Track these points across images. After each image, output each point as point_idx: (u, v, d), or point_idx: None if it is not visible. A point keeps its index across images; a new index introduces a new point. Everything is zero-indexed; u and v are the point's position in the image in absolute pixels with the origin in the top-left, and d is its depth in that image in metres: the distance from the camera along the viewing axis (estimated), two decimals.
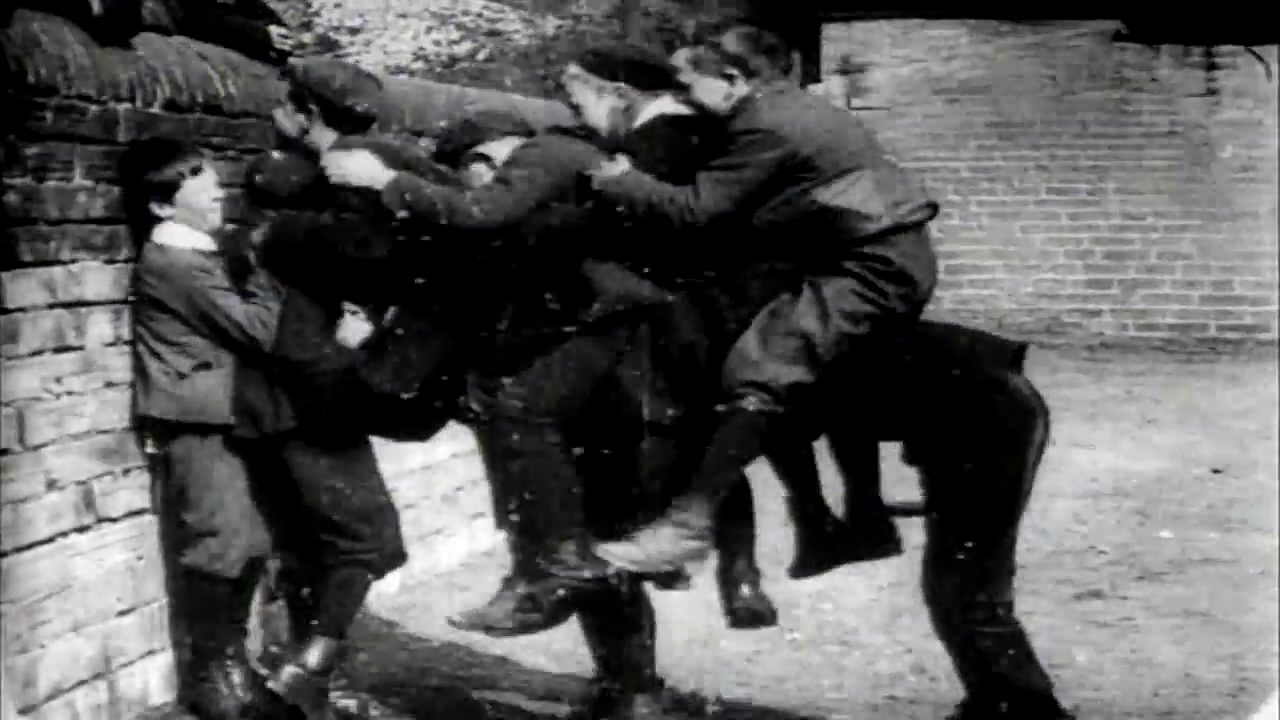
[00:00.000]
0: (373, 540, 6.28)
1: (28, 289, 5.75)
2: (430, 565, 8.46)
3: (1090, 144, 17.71)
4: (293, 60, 7.20)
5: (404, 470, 7.93)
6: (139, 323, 6.18)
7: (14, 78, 5.62)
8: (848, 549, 6.13)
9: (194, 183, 6.17)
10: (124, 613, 6.22)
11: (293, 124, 6.35)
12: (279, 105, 6.42)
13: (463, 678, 7.08)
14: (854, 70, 17.99)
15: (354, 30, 20.98)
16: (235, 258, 6.21)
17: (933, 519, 5.81)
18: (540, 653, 7.11)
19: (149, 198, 6.14)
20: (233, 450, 6.21)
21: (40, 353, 5.83)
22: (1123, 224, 17.63)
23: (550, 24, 20.95)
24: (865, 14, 18.00)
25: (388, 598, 7.85)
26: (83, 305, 6.01)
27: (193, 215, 6.18)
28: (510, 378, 5.87)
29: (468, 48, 20.94)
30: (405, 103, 8.22)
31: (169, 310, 6.12)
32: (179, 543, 6.28)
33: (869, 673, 7.16)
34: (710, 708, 6.67)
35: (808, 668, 7.23)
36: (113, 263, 6.14)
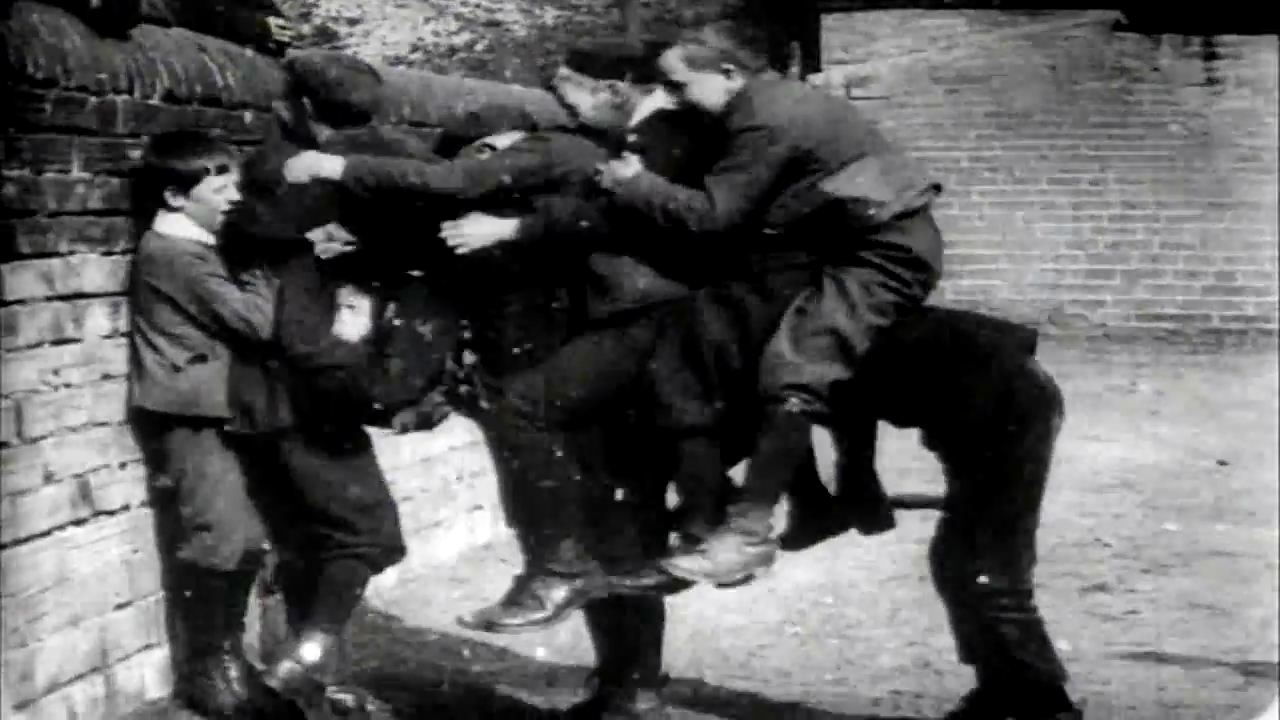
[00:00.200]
0: (370, 534, 6.24)
1: (26, 281, 5.73)
2: (428, 558, 8.43)
3: (1091, 134, 17.68)
4: (291, 51, 7.17)
5: (402, 463, 7.91)
6: (136, 312, 6.15)
7: (12, 70, 5.60)
8: (840, 520, 6.13)
9: (216, 180, 6.13)
10: (121, 606, 6.20)
11: (290, 117, 6.32)
12: (280, 98, 6.39)
13: (462, 671, 7.05)
14: (854, 60, 17.95)
15: (353, 21, 20.96)
16: (231, 248, 6.16)
17: (953, 506, 5.80)
18: (541, 646, 7.08)
19: (165, 185, 6.10)
20: (228, 443, 6.17)
21: (38, 345, 5.80)
22: (1124, 214, 17.60)
23: (549, 14, 20.92)
24: (865, 4, 17.97)
25: (385, 591, 7.83)
26: (81, 297, 5.99)
27: (203, 211, 6.13)
28: (517, 374, 5.83)
29: (466, 38, 20.92)
30: (404, 94, 8.18)
31: (166, 299, 6.08)
32: (175, 536, 6.25)
33: (872, 666, 7.14)
34: (713, 702, 6.64)
35: (811, 662, 7.21)
36: (111, 255, 6.12)
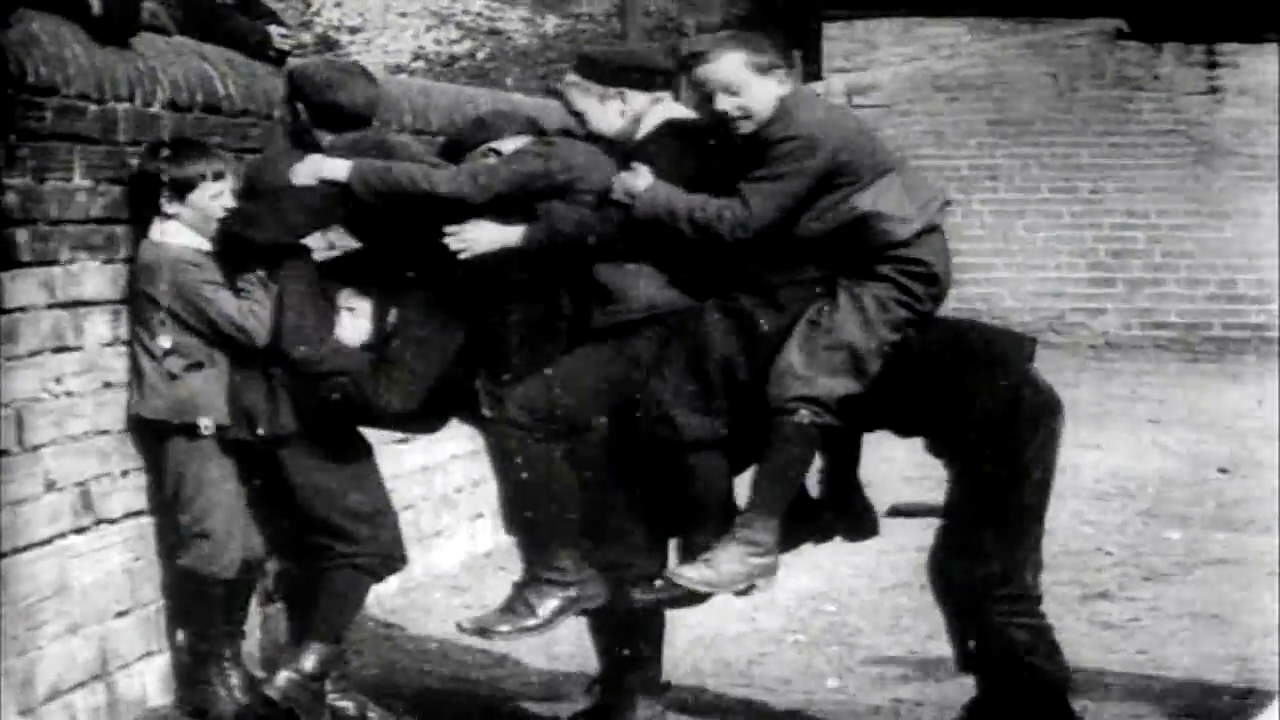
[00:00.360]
0: (371, 543, 6.23)
1: (27, 289, 5.73)
2: (429, 567, 8.43)
3: (1092, 142, 17.69)
4: (292, 60, 7.17)
5: (403, 471, 7.91)
6: (134, 321, 6.14)
7: (14, 78, 5.60)
8: (826, 527, 6.12)
9: (212, 186, 6.12)
10: (123, 614, 6.19)
11: (290, 124, 6.32)
12: (280, 105, 6.41)
13: (462, 679, 7.05)
14: (855, 68, 17.96)
15: (354, 29, 20.97)
16: (228, 254, 6.16)
17: (957, 513, 5.81)
18: (541, 654, 7.09)
19: (161, 192, 6.10)
20: (227, 451, 6.16)
21: (39, 353, 5.80)
22: (1125, 222, 17.60)
23: (550, 23, 20.94)
24: (866, 12, 17.98)
25: (387, 599, 7.82)
26: (82, 305, 5.98)
27: (199, 218, 6.13)
28: (519, 383, 5.82)
29: (468, 47, 20.93)
30: (405, 102, 8.19)
31: (162, 306, 6.08)
32: (174, 544, 6.24)
33: (872, 674, 7.14)
34: (714, 709, 6.64)
35: (812, 669, 7.21)
36: (112, 263, 6.12)
